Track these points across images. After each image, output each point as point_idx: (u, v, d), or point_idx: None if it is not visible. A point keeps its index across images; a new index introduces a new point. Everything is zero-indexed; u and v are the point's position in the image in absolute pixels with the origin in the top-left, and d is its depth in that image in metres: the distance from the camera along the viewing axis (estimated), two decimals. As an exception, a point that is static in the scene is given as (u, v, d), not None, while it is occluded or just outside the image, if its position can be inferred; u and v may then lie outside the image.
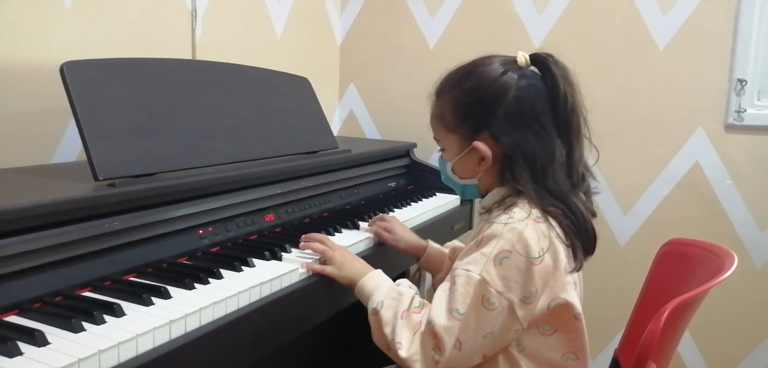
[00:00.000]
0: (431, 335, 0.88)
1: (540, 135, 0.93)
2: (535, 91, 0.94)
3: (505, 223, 0.90)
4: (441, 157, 1.05)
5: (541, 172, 0.92)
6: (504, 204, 0.94)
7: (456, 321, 0.87)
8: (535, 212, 0.91)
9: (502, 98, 0.93)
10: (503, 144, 0.94)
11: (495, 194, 0.98)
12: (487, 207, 0.98)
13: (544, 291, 0.90)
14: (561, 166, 0.94)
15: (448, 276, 0.93)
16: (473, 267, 0.89)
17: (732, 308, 1.82)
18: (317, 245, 1.12)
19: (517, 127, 0.93)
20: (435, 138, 1.04)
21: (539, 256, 0.88)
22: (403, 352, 0.89)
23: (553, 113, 0.94)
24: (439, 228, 1.67)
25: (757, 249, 1.82)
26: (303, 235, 1.16)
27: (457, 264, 0.93)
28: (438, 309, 0.89)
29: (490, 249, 0.89)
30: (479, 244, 0.91)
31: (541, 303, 0.90)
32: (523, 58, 0.96)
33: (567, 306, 0.92)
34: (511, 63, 0.96)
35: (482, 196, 1.02)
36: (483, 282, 0.87)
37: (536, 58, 0.97)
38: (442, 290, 0.92)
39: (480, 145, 0.95)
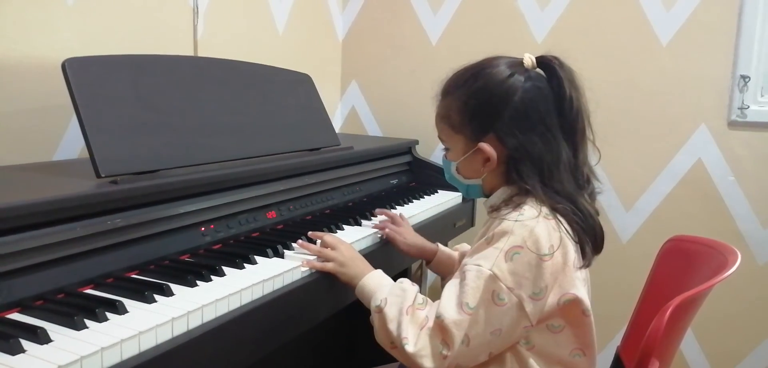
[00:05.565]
0: (440, 329, 0.88)
1: (545, 137, 0.94)
2: (541, 94, 0.95)
3: (516, 220, 0.90)
4: (445, 156, 1.05)
5: (548, 173, 0.93)
6: (513, 203, 0.95)
7: (466, 315, 0.88)
8: (545, 210, 0.92)
9: (508, 101, 0.94)
10: (509, 146, 0.95)
11: (502, 193, 0.99)
12: (495, 206, 0.99)
13: (554, 287, 0.90)
14: (567, 167, 0.95)
15: (457, 272, 0.94)
16: (484, 262, 0.89)
17: (735, 305, 1.82)
18: (314, 247, 1.11)
19: (523, 129, 0.94)
20: (440, 137, 1.05)
21: (549, 253, 0.89)
22: (410, 347, 0.89)
23: (559, 116, 0.95)
24: (441, 226, 1.67)
25: (760, 246, 1.82)
26: (309, 233, 1.17)
27: (466, 260, 0.93)
28: (448, 304, 0.89)
29: (502, 244, 0.89)
30: (490, 241, 0.91)
31: (551, 299, 0.90)
32: (529, 60, 0.97)
33: (576, 302, 0.92)
34: (517, 65, 0.97)
35: (486, 196, 1.03)
36: (493, 278, 0.88)
37: (542, 60, 0.97)
38: (452, 285, 0.92)
39: (485, 147, 0.96)
